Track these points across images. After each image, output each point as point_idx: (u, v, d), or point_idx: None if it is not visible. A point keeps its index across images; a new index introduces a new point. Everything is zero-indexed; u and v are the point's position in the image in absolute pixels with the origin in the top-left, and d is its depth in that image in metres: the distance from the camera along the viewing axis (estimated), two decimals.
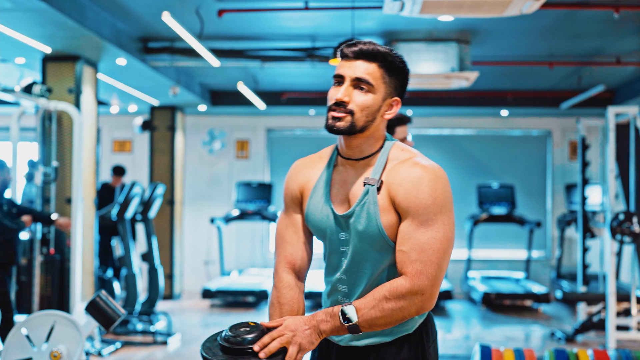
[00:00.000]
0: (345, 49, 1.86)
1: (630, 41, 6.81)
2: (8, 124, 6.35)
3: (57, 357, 3.08)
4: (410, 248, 1.79)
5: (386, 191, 1.84)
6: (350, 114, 1.83)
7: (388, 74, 1.86)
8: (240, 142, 10.82)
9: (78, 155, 6.14)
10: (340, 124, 1.83)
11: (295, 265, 1.99)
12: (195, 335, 7.17)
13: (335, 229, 1.91)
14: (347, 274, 1.91)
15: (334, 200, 1.92)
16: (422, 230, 1.79)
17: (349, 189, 1.90)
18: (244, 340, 1.65)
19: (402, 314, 1.78)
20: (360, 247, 1.88)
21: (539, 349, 6.60)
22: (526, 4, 4.14)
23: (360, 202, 1.86)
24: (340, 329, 1.77)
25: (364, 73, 1.83)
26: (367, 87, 1.84)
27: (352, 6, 5.59)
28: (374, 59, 1.84)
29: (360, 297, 1.88)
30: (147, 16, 6.09)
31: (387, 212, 1.84)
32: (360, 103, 1.83)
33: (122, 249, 7.17)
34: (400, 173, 1.84)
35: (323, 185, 1.94)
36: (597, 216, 7.73)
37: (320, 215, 1.93)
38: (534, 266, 10.45)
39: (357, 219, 1.86)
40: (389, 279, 1.86)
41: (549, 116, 10.55)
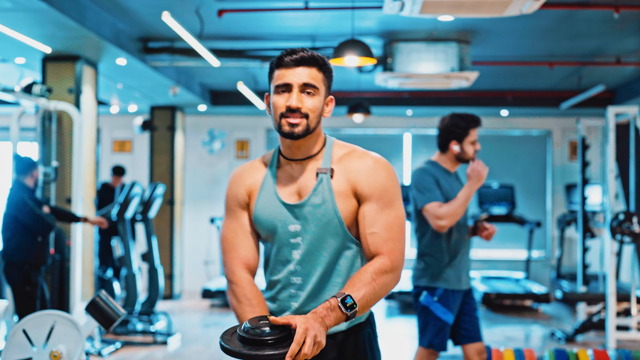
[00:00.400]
0: (285, 58, 1.96)
1: (630, 41, 6.81)
2: (8, 124, 6.36)
3: (57, 357, 3.08)
4: (381, 229, 1.94)
5: (344, 179, 1.97)
6: (306, 118, 1.95)
7: (324, 76, 2.00)
8: (240, 142, 10.82)
9: (78, 155, 6.14)
10: (299, 129, 1.95)
11: (250, 265, 2.07)
12: (195, 335, 7.17)
13: (285, 221, 1.99)
14: (302, 265, 1.98)
15: (283, 195, 2.01)
16: (387, 211, 1.95)
17: (298, 183, 2.01)
18: (262, 333, 1.71)
19: (386, 290, 1.92)
20: (316, 234, 1.96)
21: (539, 349, 6.60)
22: (526, 4, 4.14)
23: (315, 190, 1.97)
24: (342, 318, 1.83)
25: (310, 78, 1.95)
26: (313, 91, 1.96)
27: (352, 6, 5.59)
28: (314, 64, 1.97)
29: (314, 287, 1.97)
30: (147, 16, 6.09)
31: (345, 198, 1.96)
32: (311, 106, 1.96)
33: (122, 249, 7.17)
34: (353, 162, 1.98)
35: (270, 184, 2.04)
36: (597, 216, 7.74)
37: (270, 210, 2.01)
38: (534, 266, 10.45)
39: (312, 207, 1.96)
40: (343, 266, 1.97)
41: (549, 116, 10.55)
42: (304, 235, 1.97)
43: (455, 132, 3.73)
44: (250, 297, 2.02)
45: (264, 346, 1.71)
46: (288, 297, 2.01)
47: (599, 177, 8.49)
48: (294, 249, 1.99)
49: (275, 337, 1.72)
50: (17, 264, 5.29)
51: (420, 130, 10.81)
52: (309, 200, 1.97)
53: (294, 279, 2.00)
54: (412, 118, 10.71)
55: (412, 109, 10.03)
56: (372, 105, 9.07)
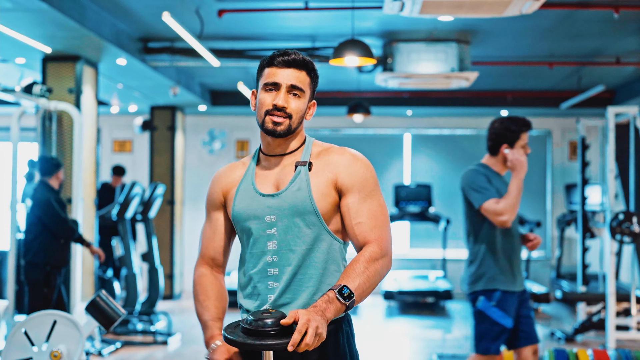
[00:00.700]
0: (278, 58, 2.04)
1: (630, 41, 6.81)
2: (8, 124, 6.35)
3: (57, 357, 3.08)
4: (366, 218, 2.00)
5: (323, 172, 2.02)
6: (289, 118, 2.03)
7: (311, 81, 2.08)
8: (240, 142, 10.83)
9: (78, 155, 6.15)
10: (281, 128, 2.03)
11: (215, 259, 2.20)
12: (195, 335, 7.17)
13: (262, 212, 2.03)
14: (278, 254, 2.01)
15: (260, 187, 2.07)
16: (369, 201, 2.01)
17: (276, 176, 2.07)
18: (265, 324, 1.78)
19: (380, 277, 1.97)
20: (291, 225, 2.00)
21: (539, 349, 6.59)
22: (526, 4, 4.14)
23: (292, 181, 2.02)
24: (341, 309, 1.88)
25: (297, 80, 2.03)
26: (299, 93, 2.05)
27: (352, 6, 5.59)
28: (304, 67, 2.05)
29: (290, 277, 1.99)
30: (147, 16, 6.09)
31: (323, 191, 2.01)
32: (295, 107, 2.04)
33: (122, 249, 7.18)
34: (332, 156, 2.05)
35: (249, 179, 2.10)
36: (597, 216, 7.74)
37: (248, 202, 2.06)
38: (534, 266, 10.45)
39: (289, 196, 2.01)
40: (319, 258, 2.00)
41: (548, 116, 10.55)
42: (279, 226, 2.01)
43: (507, 135, 3.74)
44: (210, 294, 2.17)
45: (266, 337, 1.77)
46: (265, 289, 2.04)
47: (599, 177, 8.49)
48: (269, 240, 2.02)
49: (278, 328, 1.78)
50: (39, 264, 5.30)
51: (420, 130, 10.81)
52: (286, 191, 2.02)
53: (270, 270, 2.02)
54: (412, 118, 10.71)
55: (412, 109, 10.02)
56: (372, 105, 9.07)
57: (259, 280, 2.05)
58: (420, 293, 8.82)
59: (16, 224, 6.02)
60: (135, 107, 10.04)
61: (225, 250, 2.21)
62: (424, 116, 10.65)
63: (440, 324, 7.97)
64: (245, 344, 1.78)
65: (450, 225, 9.80)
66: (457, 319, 8.44)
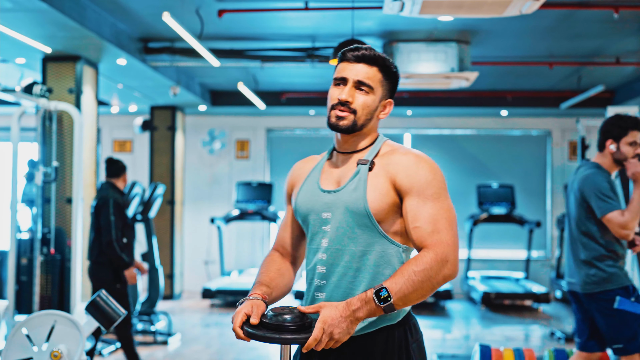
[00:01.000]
0: (348, 53, 2.00)
1: (630, 41, 6.82)
2: (8, 124, 6.36)
3: (57, 356, 3.09)
4: (424, 222, 1.90)
5: (383, 173, 1.96)
6: (353, 113, 1.98)
7: (384, 78, 2.01)
8: (240, 142, 10.83)
9: (78, 155, 6.15)
10: (343, 123, 1.98)
11: (284, 248, 2.18)
12: (195, 335, 7.18)
13: (320, 208, 2.01)
14: (327, 253, 1.98)
15: (323, 183, 2.05)
16: (430, 204, 1.91)
17: (339, 173, 2.04)
18: (285, 320, 1.84)
19: (431, 284, 1.85)
20: (343, 223, 1.96)
21: (539, 348, 6.60)
22: (526, 4, 4.14)
23: (351, 179, 1.98)
24: (377, 311, 1.84)
25: (366, 76, 1.98)
26: (367, 89, 1.98)
27: (352, 6, 5.60)
28: (375, 63, 1.99)
29: (339, 278, 1.95)
30: (148, 16, 6.09)
31: (380, 192, 1.94)
32: (362, 103, 1.98)
33: None
34: (395, 157, 1.97)
35: (316, 173, 2.08)
36: None
37: (308, 196, 2.05)
38: (534, 266, 10.46)
39: (345, 195, 1.97)
40: (371, 261, 1.94)
41: (548, 116, 10.55)
42: (332, 224, 1.98)
43: (613, 131, 3.72)
44: (267, 266, 2.12)
45: (285, 332, 1.83)
46: (316, 287, 2.01)
47: None
48: (323, 237, 1.99)
49: (297, 325, 1.83)
50: (104, 263, 5.27)
51: (420, 130, 10.81)
52: (343, 189, 1.98)
53: (319, 267, 1.99)
54: (412, 118, 10.71)
55: (412, 109, 10.02)
56: None
57: (311, 277, 2.04)
58: None
59: (16, 223, 6.02)
60: (135, 107, 10.04)
61: (293, 242, 2.17)
62: (424, 116, 10.65)
63: (440, 324, 7.97)
64: (265, 337, 1.83)
65: None
66: (457, 319, 8.44)
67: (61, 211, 6.39)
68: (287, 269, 2.15)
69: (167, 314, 7.23)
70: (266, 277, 2.07)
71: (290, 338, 1.82)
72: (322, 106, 9.85)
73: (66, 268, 6.28)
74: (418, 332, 2.02)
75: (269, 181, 10.66)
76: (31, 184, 8.07)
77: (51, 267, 6.19)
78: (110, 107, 9.82)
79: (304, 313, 1.86)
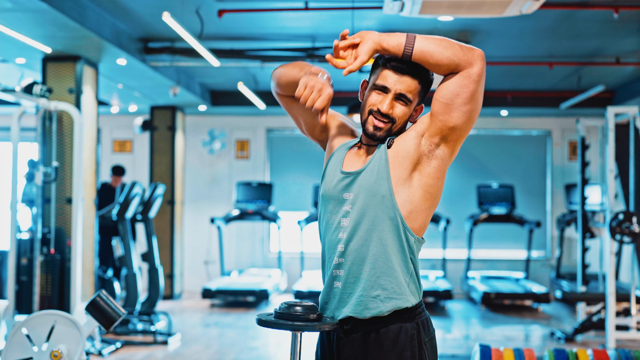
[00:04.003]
0: (394, 63, 2.03)
1: (630, 41, 6.82)
2: (8, 124, 6.36)
3: (57, 356, 3.09)
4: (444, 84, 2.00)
5: (408, 134, 2.03)
6: (392, 123, 2.04)
7: (422, 88, 2.07)
8: (240, 142, 10.83)
9: (78, 155, 6.15)
10: (380, 133, 2.04)
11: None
12: (195, 335, 7.18)
13: (341, 189, 2.06)
14: (347, 232, 2.02)
15: (346, 165, 2.10)
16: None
17: (362, 156, 2.09)
18: (296, 311, 1.96)
19: (452, 51, 1.96)
20: (365, 203, 2.01)
21: (539, 348, 6.60)
22: (526, 4, 4.15)
23: (371, 160, 2.04)
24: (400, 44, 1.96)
25: (407, 89, 2.03)
26: (407, 101, 2.04)
27: (352, 6, 5.60)
28: (418, 76, 2.04)
29: (356, 256, 2.01)
30: (148, 16, 6.09)
31: (405, 156, 2.00)
32: (400, 114, 2.04)
33: (122, 248, 7.18)
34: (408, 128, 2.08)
35: (342, 152, 2.13)
36: (597, 216, 7.74)
37: (331, 177, 2.10)
38: (534, 266, 10.46)
39: (366, 175, 2.02)
40: (389, 243, 1.99)
41: (548, 116, 10.55)
42: (353, 204, 2.02)
43: None
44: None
45: (295, 320, 1.96)
46: (335, 265, 2.04)
47: (599, 177, 8.49)
48: (344, 217, 2.04)
49: (306, 315, 1.96)
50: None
51: None
52: (365, 169, 2.04)
53: (339, 245, 2.03)
54: None
55: None
56: None
57: (330, 255, 2.07)
58: None
59: (16, 223, 6.02)
60: (135, 107, 10.05)
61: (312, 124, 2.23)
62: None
63: (440, 324, 7.97)
64: (278, 324, 1.95)
65: (450, 225, 9.81)
66: (457, 318, 8.44)
67: (61, 211, 6.39)
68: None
69: (167, 314, 7.23)
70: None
71: (302, 325, 1.93)
72: None
73: (66, 268, 6.28)
74: (431, 328, 2.06)
75: (269, 181, 10.66)
76: (31, 184, 8.07)
77: (51, 267, 6.19)
78: (110, 107, 9.82)
79: (314, 306, 1.98)
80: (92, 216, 6.73)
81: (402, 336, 1.98)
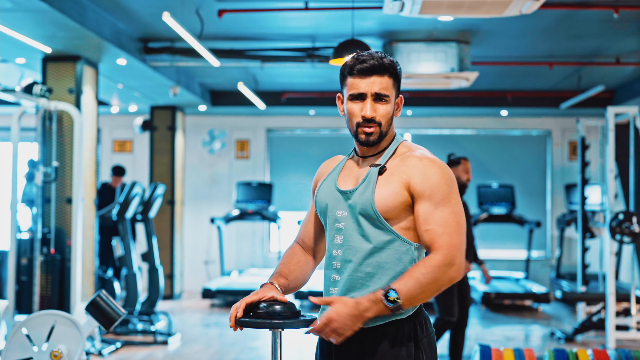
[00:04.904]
0: (358, 67, 2.03)
1: (630, 41, 6.82)
2: (8, 124, 6.36)
3: (57, 356, 3.09)
4: (435, 225, 1.98)
5: (398, 174, 2.03)
6: (379, 125, 2.06)
7: (394, 81, 2.07)
8: (240, 142, 10.83)
9: (78, 155, 6.15)
10: (373, 137, 2.07)
11: (304, 242, 2.25)
12: (195, 335, 7.18)
13: (335, 206, 2.09)
14: (342, 249, 2.06)
15: (341, 182, 2.12)
16: (441, 208, 1.99)
17: (356, 174, 2.11)
18: (274, 310, 1.97)
19: (437, 286, 1.94)
20: (355, 222, 2.04)
21: (539, 348, 6.60)
22: (526, 4, 4.15)
23: (363, 181, 2.06)
24: (385, 311, 1.93)
25: (381, 87, 2.04)
26: (385, 99, 2.05)
27: (352, 6, 5.60)
28: (385, 72, 2.04)
29: (351, 273, 2.03)
30: (147, 16, 6.09)
31: (394, 191, 2.01)
32: (384, 113, 2.06)
33: (122, 248, 7.18)
34: (410, 161, 2.04)
35: (335, 172, 2.16)
36: (597, 216, 7.74)
37: (325, 194, 2.13)
38: (534, 266, 10.46)
39: (358, 195, 2.05)
40: (384, 259, 2.02)
41: (548, 116, 10.55)
42: (347, 222, 2.06)
43: None
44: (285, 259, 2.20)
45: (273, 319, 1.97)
46: (331, 282, 2.09)
47: (599, 177, 8.50)
48: (337, 234, 2.07)
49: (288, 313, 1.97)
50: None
51: (420, 131, 10.81)
52: (356, 190, 2.05)
53: (335, 263, 2.07)
54: (412, 118, 10.71)
55: (412, 109, 10.02)
56: None
57: (327, 271, 2.11)
58: None
59: (16, 223, 6.02)
60: (135, 107, 10.05)
61: (315, 237, 2.24)
62: (424, 116, 10.65)
63: None
64: (256, 322, 1.96)
65: None
66: None
67: (61, 211, 6.39)
68: (307, 262, 2.23)
69: (167, 314, 7.23)
70: (285, 269, 2.16)
71: (280, 323, 1.95)
72: (322, 106, 9.86)
73: (66, 268, 6.28)
74: (429, 328, 2.08)
75: (269, 181, 10.66)
76: (31, 184, 8.07)
77: (51, 267, 6.19)
78: (110, 107, 9.82)
79: (292, 304, 1.99)
80: (92, 216, 6.73)
81: (400, 336, 2.00)
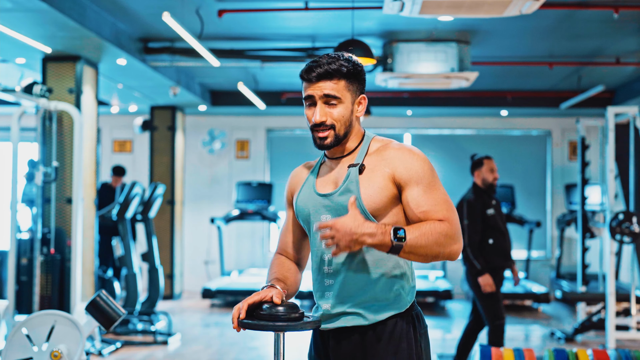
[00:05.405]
0: (305, 75, 2.05)
1: (630, 41, 6.82)
2: (8, 124, 6.36)
3: (57, 356, 3.09)
4: (431, 205, 1.98)
5: (380, 168, 2.03)
6: (332, 129, 2.05)
7: (348, 81, 2.05)
8: (240, 142, 10.83)
9: (78, 155, 6.15)
10: (328, 141, 2.06)
11: (287, 251, 2.23)
12: (195, 335, 7.18)
13: (318, 211, 2.08)
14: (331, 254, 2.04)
15: (319, 187, 2.12)
16: (430, 192, 2.00)
17: (333, 177, 2.10)
18: (278, 312, 1.94)
19: (439, 249, 1.94)
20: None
21: (539, 348, 6.60)
22: (526, 4, 4.15)
23: (344, 182, 2.04)
24: (384, 245, 1.90)
25: (329, 89, 2.02)
26: (336, 101, 2.04)
27: (352, 6, 5.60)
28: (334, 76, 2.03)
29: (345, 275, 2.04)
30: (147, 16, 6.09)
31: (379, 186, 2.01)
32: (336, 116, 2.04)
33: (122, 248, 7.18)
34: (389, 153, 2.05)
35: (312, 179, 2.15)
36: (597, 216, 7.74)
37: (306, 201, 2.12)
38: (534, 266, 10.46)
39: (340, 196, 2.04)
40: (376, 258, 2.02)
41: (548, 116, 10.55)
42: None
43: None
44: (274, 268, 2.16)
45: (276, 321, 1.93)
46: (324, 287, 2.08)
47: (599, 177, 8.49)
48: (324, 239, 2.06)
49: (287, 315, 1.94)
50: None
51: (420, 130, 10.80)
52: (338, 191, 2.04)
53: (326, 268, 2.07)
54: (412, 118, 10.71)
55: (412, 109, 10.02)
56: (372, 105, 9.08)
57: (317, 277, 2.10)
58: (420, 293, 8.81)
59: (16, 223, 6.02)
60: (135, 107, 10.05)
61: (295, 246, 2.23)
62: (424, 116, 10.65)
63: (440, 324, 7.97)
64: (259, 325, 1.92)
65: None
66: (457, 319, 8.44)
67: (61, 211, 6.39)
68: (296, 270, 2.22)
69: (167, 314, 7.23)
70: (280, 275, 2.13)
71: (283, 325, 1.91)
72: None
73: (66, 268, 6.28)
74: (423, 324, 2.10)
75: (269, 181, 10.66)
76: (31, 184, 8.07)
77: (51, 267, 6.19)
78: (110, 107, 9.82)
79: (296, 305, 1.96)
80: (92, 216, 6.73)
81: (398, 329, 2.03)
